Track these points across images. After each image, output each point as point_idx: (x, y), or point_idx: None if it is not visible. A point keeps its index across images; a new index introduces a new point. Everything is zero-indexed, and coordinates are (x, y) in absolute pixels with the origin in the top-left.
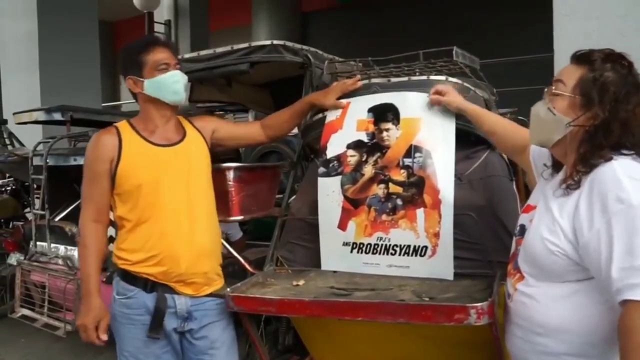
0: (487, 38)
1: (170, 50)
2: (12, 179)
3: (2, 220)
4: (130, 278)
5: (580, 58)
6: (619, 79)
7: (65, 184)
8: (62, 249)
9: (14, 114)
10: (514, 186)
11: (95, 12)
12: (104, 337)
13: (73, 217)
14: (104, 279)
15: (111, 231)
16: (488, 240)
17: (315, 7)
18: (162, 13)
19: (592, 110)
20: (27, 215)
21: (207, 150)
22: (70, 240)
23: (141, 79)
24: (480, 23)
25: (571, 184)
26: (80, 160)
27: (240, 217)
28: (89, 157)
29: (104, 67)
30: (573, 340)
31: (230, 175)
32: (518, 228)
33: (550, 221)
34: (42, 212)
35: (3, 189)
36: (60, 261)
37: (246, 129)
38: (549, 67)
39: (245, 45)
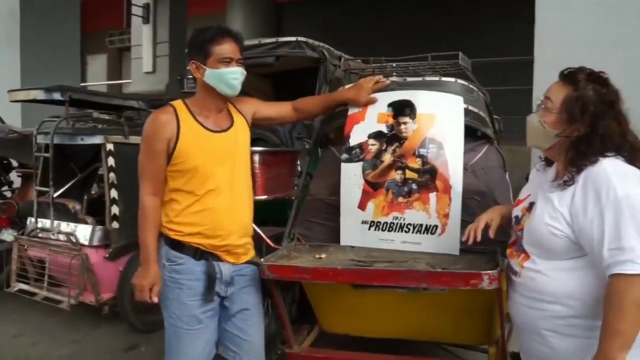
0: (471, 37)
1: (238, 44)
2: None
3: None
4: (180, 247)
5: (567, 77)
6: (597, 97)
7: (63, 163)
8: (64, 225)
9: (9, 91)
10: (507, 176)
11: None
12: (155, 299)
13: (71, 195)
14: (107, 255)
15: None
16: None
17: None
18: None
19: (575, 124)
20: (4, 193)
21: (249, 134)
22: (73, 217)
23: (203, 67)
24: (461, 21)
25: (567, 181)
26: (86, 140)
27: (264, 197)
28: (148, 134)
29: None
30: (577, 305)
31: (257, 158)
32: (514, 219)
33: (552, 209)
34: (47, 189)
35: None
36: (62, 237)
37: (280, 110)
38: (529, 69)
39: (273, 40)
